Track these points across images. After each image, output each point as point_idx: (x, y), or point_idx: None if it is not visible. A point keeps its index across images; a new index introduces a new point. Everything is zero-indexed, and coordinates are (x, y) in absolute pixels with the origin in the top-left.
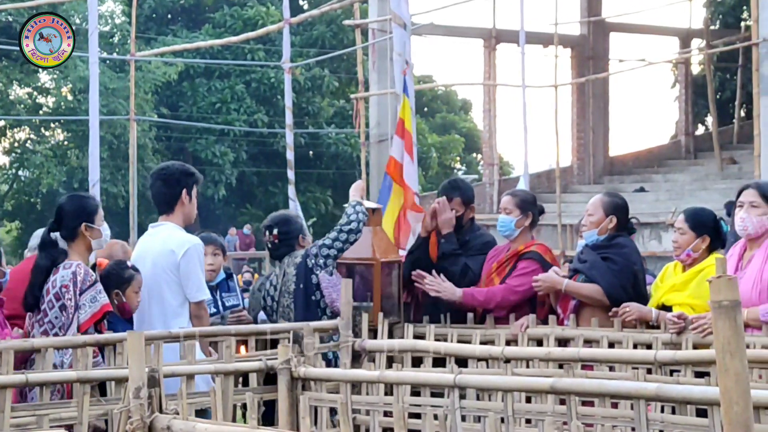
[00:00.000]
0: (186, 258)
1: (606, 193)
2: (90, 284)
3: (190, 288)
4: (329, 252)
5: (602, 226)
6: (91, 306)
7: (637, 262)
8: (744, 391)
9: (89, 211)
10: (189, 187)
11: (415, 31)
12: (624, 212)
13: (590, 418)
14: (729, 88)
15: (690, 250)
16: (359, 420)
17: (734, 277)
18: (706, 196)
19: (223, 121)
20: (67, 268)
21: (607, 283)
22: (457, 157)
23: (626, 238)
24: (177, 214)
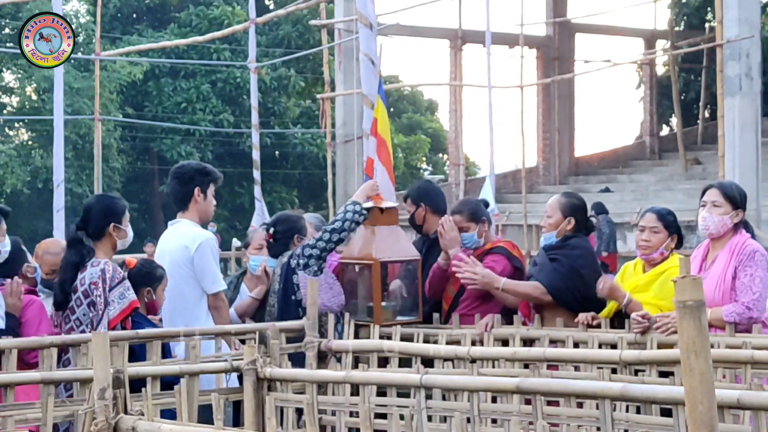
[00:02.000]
0: (199, 252)
1: (564, 194)
2: (119, 281)
3: (206, 281)
4: (312, 252)
5: (561, 227)
6: (120, 302)
7: (584, 264)
8: (708, 390)
9: (117, 211)
10: (203, 185)
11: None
12: (582, 213)
13: (556, 417)
14: (693, 89)
15: (663, 248)
16: (325, 420)
17: (699, 277)
18: (671, 197)
19: (188, 121)
20: (96, 265)
21: (549, 282)
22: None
23: (580, 239)
24: (192, 211)
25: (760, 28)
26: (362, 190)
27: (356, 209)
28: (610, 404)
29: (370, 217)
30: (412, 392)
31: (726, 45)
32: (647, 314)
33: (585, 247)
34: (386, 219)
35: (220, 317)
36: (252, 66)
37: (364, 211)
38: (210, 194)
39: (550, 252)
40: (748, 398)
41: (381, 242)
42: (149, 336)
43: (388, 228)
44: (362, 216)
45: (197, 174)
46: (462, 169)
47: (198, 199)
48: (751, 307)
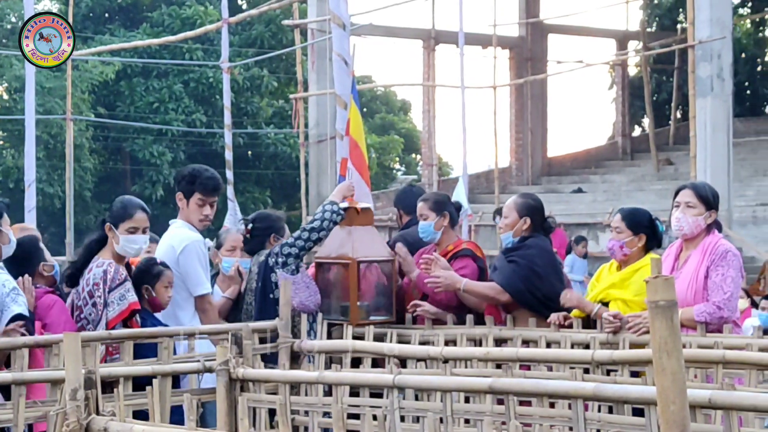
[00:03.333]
0: (184, 254)
1: (520, 194)
2: (119, 282)
3: (190, 283)
4: (290, 251)
5: (516, 228)
6: (120, 304)
7: (542, 263)
8: (680, 390)
9: (117, 215)
10: (186, 191)
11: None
12: (538, 213)
13: (528, 417)
14: (665, 89)
15: (623, 242)
16: (298, 421)
17: (671, 278)
18: (643, 197)
19: (160, 121)
20: (100, 266)
21: (507, 283)
22: (396, 158)
23: (537, 239)
24: (182, 214)
25: (732, 29)
26: (338, 191)
27: (334, 209)
28: (583, 404)
29: (347, 218)
30: (385, 392)
31: (698, 46)
32: (619, 314)
33: (541, 246)
34: (362, 219)
35: (206, 319)
36: (225, 66)
37: (341, 211)
38: (193, 203)
39: (508, 254)
40: (719, 398)
41: (358, 242)
42: (122, 336)
43: (364, 228)
44: (340, 216)
45: (183, 179)
46: (435, 169)
47: (180, 204)
48: (722, 307)
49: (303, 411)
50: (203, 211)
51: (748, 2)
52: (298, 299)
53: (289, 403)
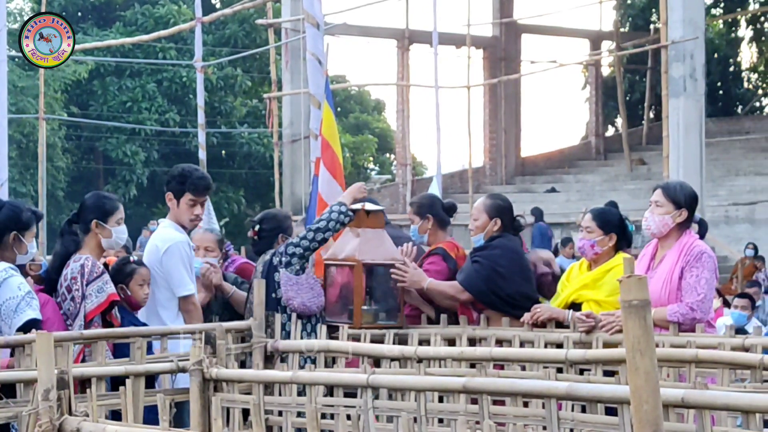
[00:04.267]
0: (167, 255)
1: (488, 195)
2: (97, 275)
3: (173, 284)
4: (295, 250)
5: (487, 229)
6: (98, 296)
7: (505, 263)
8: (653, 389)
9: (104, 210)
10: (175, 191)
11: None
12: (507, 213)
13: (502, 417)
14: (638, 89)
15: (594, 241)
16: (272, 421)
17: (644, 277)
18: (616, 197)
19: (134, 120)
20: (77, 261)
21: (468, 283)
22: (370, 158)
23: (503, 239)
24: (172, 214)
25: (704, 29)
26: (349, 192)
27: (342, 210)
28: (556, 403)
29: (356, 220)
30: (359, 392)
31: (671, 46)
32: (591, 313)
33: (507, 246)
34: (372, 222)
35: (190, 320)
36: (198, 65)
37: (350, 213)
38: (184, 203)
39: (473, 254)
40: (692, 397)
41: (365, 244)
42: (95, 336)
43: (374, 231)
44: (347, 217)
45: (173, 179)
46: (409, 169)
47: (170, 204)
48: (695, 308)
49: (277, 411)
50: (194, 211)
51: (721, 3)
52: (299, 300)
53: (262, 403)
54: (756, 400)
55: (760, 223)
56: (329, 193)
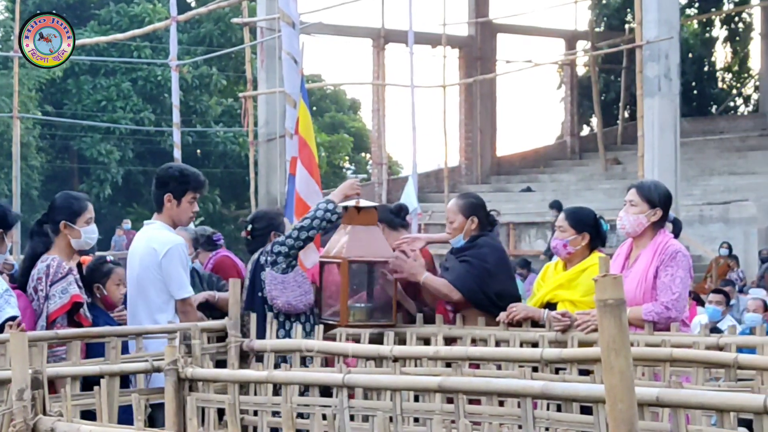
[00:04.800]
0: (167, 257)
1: (459, 196)
2: (62, 276)
3: (173, 286)
4: (280, 249)
5: (466, 229)
6: (62, 297)
7: (494, 261)
8: (628, 388)
9: (73, 210)
10: (176, 192)
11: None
12: (482, 210)
13: (478, 416)
14: (613, 89)
15: (567, 241)
16: (247, 420)
17: (619, 276)
18: (591, 196)
19: (108, 119)
20: (44, 261)
21: (460, 283)
22: (346, 157)
23: (488, 238)
24: (165, 215)
25: (679, 29)
26: (340, 189)
27: (328, 208)
28: (532, 402)
29: (348, 217)
30: (335, 392)
31: (645, 46)
32: (567, 313)
33: (492, 245)
34: (363, 219)
35: (188, 321)
36: (173, 64)
37: (338, 211)
38: (186, 201)
39: (459, 254)
40: (666, 396)
41: (353, 241)
42: (69, 336)
43: (365, 228)
44: (335, 215)
45: (172, 180)
46: (385, 168)
47: (168, 205)
48: (669, 307)
49: (252, 411)
50: (193, 208)
51: (695, 3)
52: (284, 299)
53: (238, 402)
54: (730, 398)
55: (733, 223)
56: (307, 192)
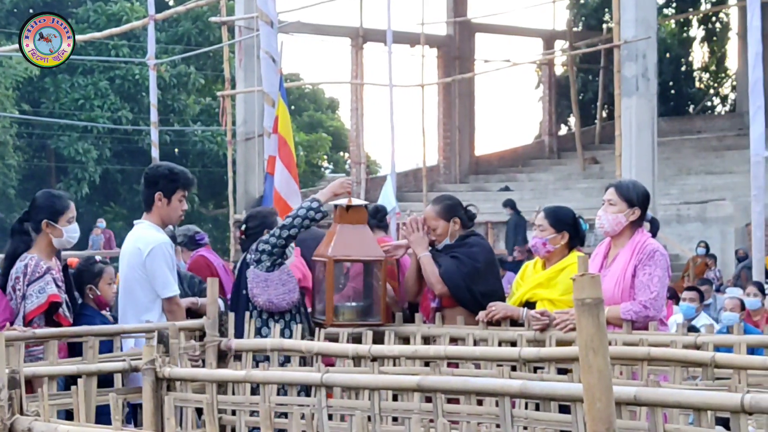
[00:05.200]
0: (151, 256)
1: (435, 201)
2: (39, 275)
3: (157, 285)
4: (264, 247)
5: (450, 232)
6: (39, 297)
7: (482, 260)
8: (606, 387)
9: (55, 209)
10: (166, 190)
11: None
12: (460, 209)
13: (456, 415)
14: (591, 89)
15: (546, 239)
16: (225, 420)
17: (597, 275)
18: (569, 195)
19: (86, 118)
20: (22, 260)
21: (447, 276)
22: (325, 156)
23: (477, 237)
24: (154, 214)
25: (657, 29)
26: (329, 188)
27: (312, 206)
28: (510, 401)
29: (337, 215)
30: (313, 391)
31: (623, 46)
32: (546, 311)
33: (483, 245)
34: (352, 217)
35: (174, 321)
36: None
37: (322, 209)
38: (176, 199)
39: (449, 250)
40: (644, 395)
41: (340, 240)
42: (47, 336)
43: (353, 227)
44: (319, 213)
45: (161, 179)
46: (363, 167)
47: (159, 204)
48: (647, 306)
49: (230, 410)
50: (183, 206)
51: (673, 3)
52: (265, 297)
53: (216, 402)
54: (707, 397)
55: (711, 222)
56: (287, 191)
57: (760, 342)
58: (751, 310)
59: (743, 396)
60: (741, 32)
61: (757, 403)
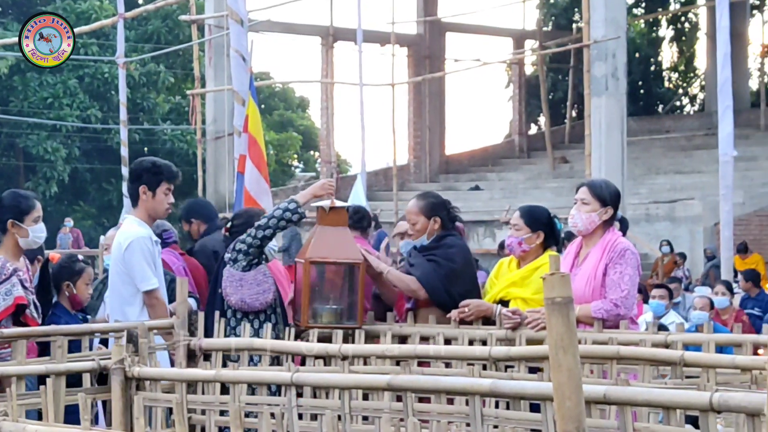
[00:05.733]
0: (129, 250)
1: (418, 197)
2: (5, 277)
3: (136, 279)
4: (240, 247)
5: (429, 230)
6: (5, 299)
7: (459, 261)
8: (576, 386)
9: (20, 209)
10: (150, 183)
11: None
12: (443, 208)
13: (426, 414)
14: (561, 88)
15: (522, 239)
16: (195, 420)
17: (567, 275)
18: (539, 195)
19: (55, 117)
20: None
21: (426, 280)
22: (295, 155)
23: (455, 238)
24: (140, 209)
25: (626, 29)
26: (309, 189)
27: (289, 207)
28: (480, 400)
29: (318, 217)
30: (283, 390)
31: (593, 45)
32: (518, 310)
33: (460, 245)
34: (331, 219)
35: (154, 314)
36: (120, 61)
37: (299, 211)
38: (161, 192)
39: (426, 252)
40: (613, 393)
41: (318, 242)
42: (14, 335)
43: (333, 228)
44: (296, 215)
45: (145, 172)
46: (333, 166)
47: (144, 198)
48: (618, 305)
49: (200, 410)
50: (169, 200)
51: (642, 3)
52: (238, 297)
53: (185, 401)
54: (676, 396)
55: (679, 221)
56: (257, 190)
57: (728, 341)
58: (719, 308)
59: (712, 395)
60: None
61: (726, 402)
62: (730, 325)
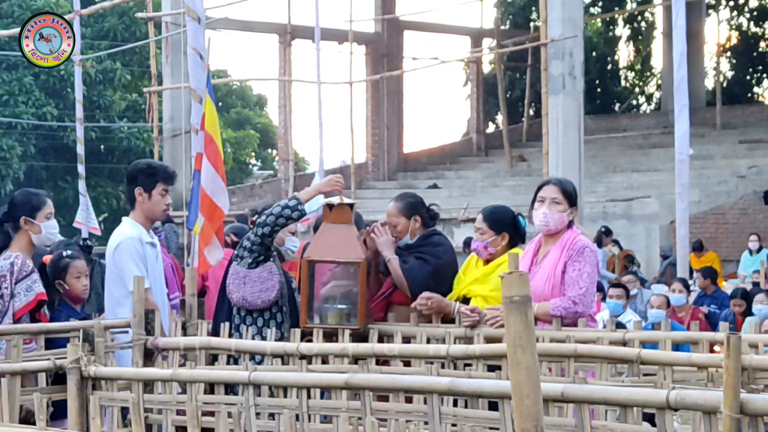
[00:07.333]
0: (118, 252)
1: (397, 198)
2: (26, 274)
3: (126, 279)
4: (246, 244)
5: (411, 229)
6: (26, 295)
7: (446, 259)
8: (534, 384)
9: (32, 206)
10: (145, 185)
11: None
12: (421, 207)
13: (384, 413)
14: (518, 87)
15: (488, 242)
16: (152, 419)
17: (525, 273)
18: (497, 193)
19: (10, 114)
20: (6, 259)
21: (411, 277)
22: (252, 153)
23: (440, 236)
24: (137, 211)
25: (583, 28)
26: (314, 187)
27: (289, 204)
28: (439, 399)
29: (323, 214)
30: (241, 389)
31: (550, 44)
32: (476, 308)
33: (447, 244)
34: (336, 217)
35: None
36: (76, 58)
37: (300, 208)
38: (156, 194)
39: (413, 250)
40: (571, 391)
41: (320, 241)
42: None
43: (336, 226)
44: (296, 212)
45: (141, 174)
46: (291, 164)
47: (140, 199)
48: (577, 302)
49: (156, 409)
50: (166, 201)
51: (599, 2)
52: (240, 294)
53: (142, 401)
54: (633, 394)
55: (636, 220)
56: (213, 188)
57: (685, 338)
58: (676, 306)
59: (669, 392)
60: (666, 31)
61: (682, 399)
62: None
